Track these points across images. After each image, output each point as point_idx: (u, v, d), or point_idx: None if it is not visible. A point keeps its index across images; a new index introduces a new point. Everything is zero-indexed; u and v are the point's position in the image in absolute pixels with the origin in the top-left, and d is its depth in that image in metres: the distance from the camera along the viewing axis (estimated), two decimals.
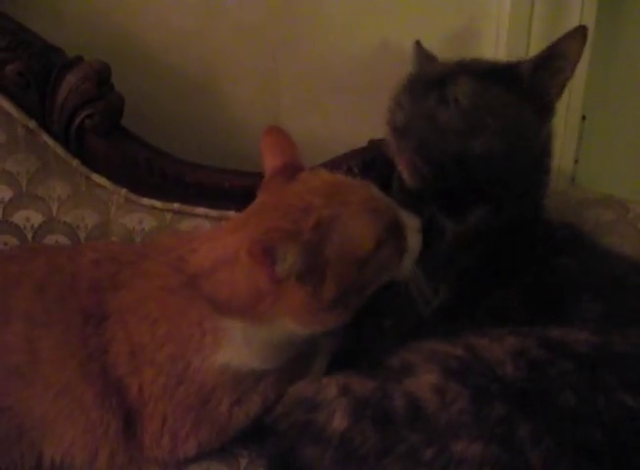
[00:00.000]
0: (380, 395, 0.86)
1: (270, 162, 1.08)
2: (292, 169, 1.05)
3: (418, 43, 1.33)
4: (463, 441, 0.78)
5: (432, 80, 1.12)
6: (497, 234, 1.08)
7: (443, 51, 1.32)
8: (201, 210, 1.40)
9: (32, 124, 1.36)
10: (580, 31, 1.07)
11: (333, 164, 1.40)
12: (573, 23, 1.54)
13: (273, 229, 0.89)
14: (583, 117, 1.68)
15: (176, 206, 1.41)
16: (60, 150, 1.38)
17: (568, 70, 1.08)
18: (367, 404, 0.86)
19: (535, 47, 1.54)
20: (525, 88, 1.09)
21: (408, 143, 1.08)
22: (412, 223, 1.02)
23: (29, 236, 1.37)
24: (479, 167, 1.06)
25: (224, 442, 1.01)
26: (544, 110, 1.11)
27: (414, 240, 1.01)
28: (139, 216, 1.40)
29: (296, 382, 0.98)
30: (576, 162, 1.72)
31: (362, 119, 1.11)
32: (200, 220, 1.40)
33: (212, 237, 1.03)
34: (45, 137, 1.37)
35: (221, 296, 0.96)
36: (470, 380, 0.84)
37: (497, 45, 1.59)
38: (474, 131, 1.06)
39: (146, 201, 1.41)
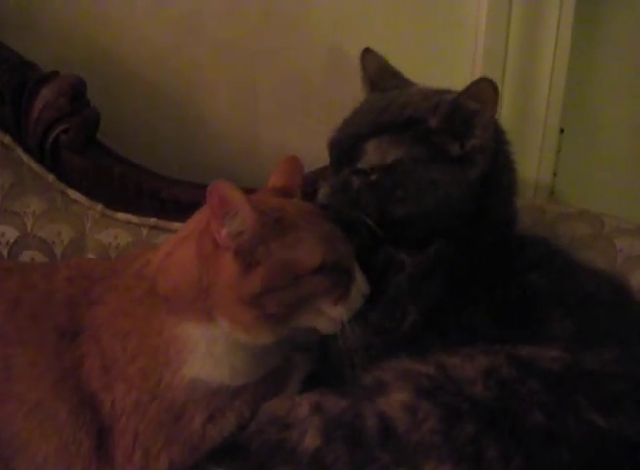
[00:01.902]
0: (352, 414, 0.87)
1: (274, 181, 1.11)
2: (288, 194, 1.08)
3: (367, 51, 1.27)
4: (433, 461, 0.78)
5: (345, 149, 1.09)
6: (459, 261, 1.06)
7: (423, 59, 1.32)
8: (177, 225, 1.37)
9: (7, 139, 1.36)
10: (485, 82, 1.01)
11: (311, 177, 1.40)
12: (551, 33, 1.55)
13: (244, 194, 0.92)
14: (561, 130, 1.69)
15: (152, 221, 1.40)
16: (35, 165, 1.38)
17: (486, 114, 1.02)
18: (339, 424, 0.86)
19: (513, 56, 1.56)
20: (438, 141, 1.05)
21: (331, 216, 1.05)
22: (362, 284, 1.01)
23: (4, 252, 1.36)
24: (406, 227, 1.06)
25: (197, 459, 1.00)
26: (467, 155, 1.05)
27: (356, 297, 1.01)
28: (115, 232, 1.39)
29: (270, 399, 0.98)
30: (555, 175, 1.72)
31: None
32: None
33: (179, 230, 1.08)
34: (20, 152, 1.37)
35: (168, 286, 0.98)
36: (440, 399, 0.84)
37: (475, 50, 1.59)
38: (386, 202, 1.05)
39: (122, 216, 1.40)
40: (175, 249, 1.02)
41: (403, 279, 1.05)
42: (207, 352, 0.97)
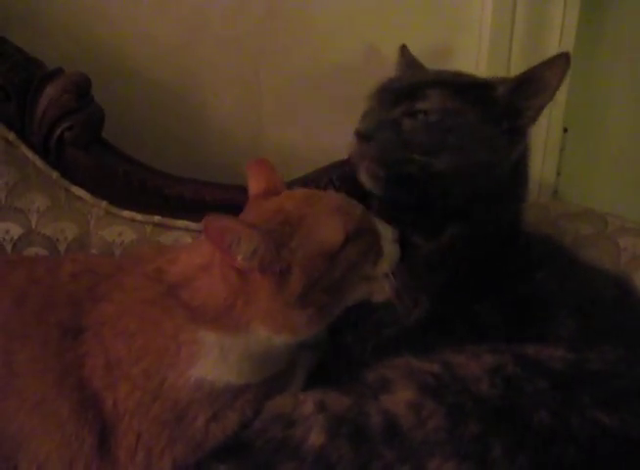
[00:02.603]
0: (356, 411, 0.87)
1: (254, 188, 1.11)
2: (273, 194, 1.08)
3: (404, 47, 1.32)
4: (438, 458, 0.78)
5: (403, 90, 1.10)
6: (472, 250, 1.07)
7: (427, 59, 1.32)
8: (181, 222, 1.39)
9: (12, 137, 1.36)
10: (563, 58, 1.04)
11: (314, 177, 1.40)
12: (555, 34, 1.55)
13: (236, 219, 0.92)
14: (565, 130, 1.69)
15: (156, 218, 1.40)
16: (39, 162, 1.37)
17: (547, 96, 1.06)
18: (343, 421, 0.86)
19: (517, 56, 1.55)
20: (499, 109, 1.08)
21: (369, 149, 1.06)
22: (387, 233, 1.03)
23: (9, 248, 1.36)
24: (440, 183, 1.06)
25: (200, 457, 1.00)
26: (516, 132, 1.09)
27: (389, 247, 1.03)
28: (119, 229, 1.39)
29: (273, 397, 0.98)
30: (559, 174, 1.72)
31: (344, 132, 1.10)
32: (180, 233, 1.39)
33: (192, 246, 1.06)
34: (24, 149, 1.37)
35: (197, 302, 0.97)
36: (446, 397, 0.84)
37: (479, 51, 1.59)
38: (437, 147, 1.04)
39: (126, 213, 1.40)
40: (197, 275, 1.00)
41: (417, 266, 1.06)
42: (221, 358, 0.97)
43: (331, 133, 1.51)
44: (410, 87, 1.10)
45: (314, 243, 0.95)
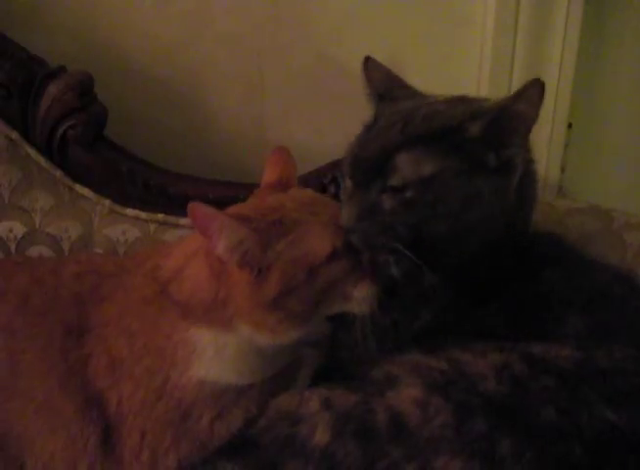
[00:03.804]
0: (362, 409, 0.86)
1: (268, 176, 1.11)
2: (284, 186, 1.07)
3: (369, 60, 1.19)
4: (444, 456, 0.78)
5: (372, 165, 0.99)
6: (476, 257, 1.02)
7: (430, 57, 1.31)
8: (185, 220, 1.39)
9: (15, 135, 1.36)
10: (537, 87, 0.94)
11: (317, 174, 1.40)
12: (559, 30, 1.55)
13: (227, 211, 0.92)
14: (570, 125, 1.68)
15: (160, 217, 1.40)
16: (42, 161, 1.38)
17: (528, 125, 0.97)
18: (349, 419, 0.86)
19: (520, 53, 1.55)
20: (479, 150, 0.97)
21: (355, 241, 0.98)
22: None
23: (12, 247, 1.37)
24: (440, 249, 0.98)
25: (205, 456, 1.00)
26: (506, 165, 0.99)
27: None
28: (123, 227, 1.39)
29: (278, 395, 0.97)
30: (563, 170, 1.72)
31: (347, 128, 1.10)
32: (184, 231, 1.39)
33: (187, 237, 1.07)
34: (27, 148, 1.37)
35: (184, 295, 0.98)
36: (452, 394, 0.83)
37: (483, 48, 1.59)
38: (425, 221, 0.96)
39: (130, 212, 1.40)
40: (187, 263, 1.01)
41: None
42: (216, 356, 0.98)
43: (334, 130, 1.51)
44: (378, 160, 0.98)
45: (299, 252, 0.94)
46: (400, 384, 0.88)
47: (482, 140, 0.96)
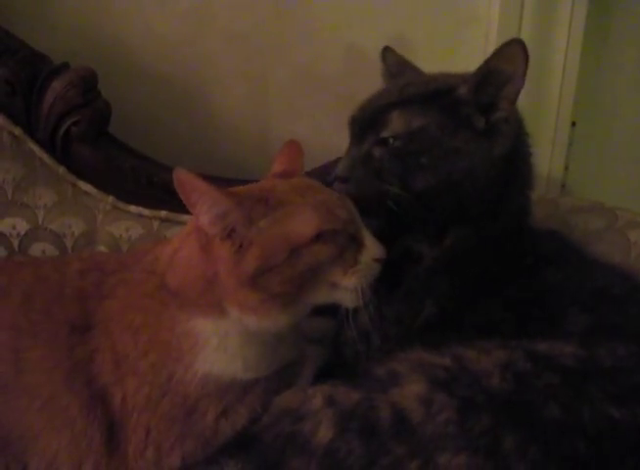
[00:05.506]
0: (365, 406, 0.86)
1: (275, 167, 1.11)
2: (289, 176, 1.07)
3: (387, 49, 1.29)
4: (448, 452, 0.78)
5: (368, 120, 1.09)
6: (478, 250, 1.06)
7: (434, 54, 1.31)
8: (188, 217, 1.37)
9: (18, 131, 1.36)
10: (514, 45, 1.01)
11: (320, 172, 1.40)
12: (563, 28, 1.55)
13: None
14: (573, 124, 1.68)
15: (164, 213, 1.40)
16: (46, 157, 1.38)
17: (516, 83, 1.03)
18: (352, 416, 0.85)
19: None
20: (467, 111, 1.05)
21: (348, 189, 1.05)
22: (373, 249, 0.99)
23: (15, 244, 1.37)
24: (423, 203, 1.04)
25: (209, 453, 1.00)
26: (496, 126, 1.06)
27: (368, 263, 0.99)
28: (126, 224, 1.40)
29: (282, 392, 0.98)
30: (567, 168, 1.72)
31: None
32: None
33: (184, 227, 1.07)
34: (31, 144, 1.37)
35: (178, 278, 0.98)
36: (456, 391, 0.83)
37: (487, 45, 1.58)
38: (410, 171, 1.04)
39: (133, 208, 1.40)
40: (181, 245, 1.02)
41: (421, 272, 1.05)
42: (220, 347, 0.97)
43: (337, 128, 1.51)
44: (373, 115, 1.09)
45: (282, 230, 0.93)
46: (404, 381, 0.88)
47: (472, 102, 1.05)
